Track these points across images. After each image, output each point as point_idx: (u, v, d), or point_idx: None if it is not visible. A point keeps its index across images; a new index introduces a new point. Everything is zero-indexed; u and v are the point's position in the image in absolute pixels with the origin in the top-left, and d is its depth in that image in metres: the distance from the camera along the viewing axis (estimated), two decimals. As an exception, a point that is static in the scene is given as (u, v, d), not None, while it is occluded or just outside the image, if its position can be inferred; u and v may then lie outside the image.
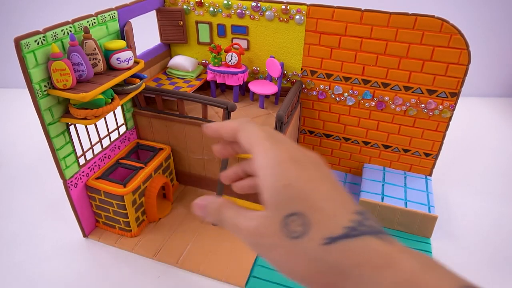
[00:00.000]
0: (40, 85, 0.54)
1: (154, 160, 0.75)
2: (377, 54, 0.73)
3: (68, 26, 0.57)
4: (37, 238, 0.74)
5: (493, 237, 0.75)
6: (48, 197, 0.84)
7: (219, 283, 0.65)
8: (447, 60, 0.69)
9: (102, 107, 0.59)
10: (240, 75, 0.80)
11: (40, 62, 0.53)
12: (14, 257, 0.69)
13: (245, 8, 0.78)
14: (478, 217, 0.80)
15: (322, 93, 0.82)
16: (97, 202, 0.71)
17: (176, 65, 0.86)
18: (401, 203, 0.75)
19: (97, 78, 0.60)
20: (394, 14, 0.68)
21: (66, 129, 0.63)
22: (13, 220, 0.78)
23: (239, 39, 0.83)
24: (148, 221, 0.77)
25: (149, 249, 0.71)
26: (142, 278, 0.66)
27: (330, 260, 0.24)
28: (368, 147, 0.86)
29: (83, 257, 0.70)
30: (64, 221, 0.77)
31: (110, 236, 0.74)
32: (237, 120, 0.31)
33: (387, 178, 0.83)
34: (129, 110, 0.79)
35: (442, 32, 0.67)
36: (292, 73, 0.82)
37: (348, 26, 0.72)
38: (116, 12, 0.67)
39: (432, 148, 0.80)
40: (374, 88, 0.77)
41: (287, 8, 0.75)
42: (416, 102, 0.76)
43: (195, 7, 0.82)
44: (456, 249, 0.72)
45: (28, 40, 0.51)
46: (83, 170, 0.68)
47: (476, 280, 0.25)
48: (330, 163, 0.92)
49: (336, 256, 0.24)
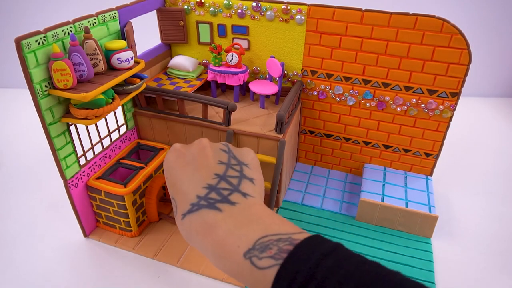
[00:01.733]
0: (41, 85, 0.54)
1: (154, 160, 0.75)
2: (378, 54, 0.73)
3: (68, 26, 0.57)
4: (38, 238, 0.74)
5: (493, 237, 0.75)
6: (48, 197, 0.84)
7: (219, 283, 0.65)
8: (448, 60, 0.69)
9: (103, 107, 0.59)
10: (241, 75, 0.80)
11: (40, 62, 0.53)
12: (14, 257, 0.69)
13: (245, 8, 0.78)
14: (478, 217, 0.80)
15: (322, 93, 0.82)
16: (97, 202, 0.71)
17: (177, 65, 0.86)
18: (401, 203, 0.75)
19: (97, 78, 0.60)
20: (395, 14, 0.68)
21: (67, 129, 0.63)
22: (13, 220, 0.78)
23: (240, 39, 0.83)
24: (148, 221, 0.77)
25: (149, 249, 0.71)
26: (142, 278, 0.66)
27: (184, 230, 0.32)
28: (369, 147, 0.85)
29: (84, 257, 0.70)
30: (65, 221, 0.77)
31: (110, 236, 0.74)
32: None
33: (387, 178, 0.83)
34: (129, 110, 0.79)
35: (443, 32, 0.67)
36: (292, 73, 0.82)
37: (348, 26, 0.72)
38: (116, 12, 0.67)
39: (432, 148, 0.80)
40: (375, 88, 0.77)
41: (288, 8, 0.75)
42: (417, 102, 0.76)
43: (195, 7, 0.82)
44: (456, 249, 0.72)
45: (29, 40, 0.51)
46: (84, 170, 0.68)
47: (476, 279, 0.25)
48: (330, 163, 0.92)
49: (186, 227, 0.32)
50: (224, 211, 0.31)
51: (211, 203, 0.31)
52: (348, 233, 0.75)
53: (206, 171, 0.34)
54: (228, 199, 0.32)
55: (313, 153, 0.93)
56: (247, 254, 0.28)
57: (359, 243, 0.73)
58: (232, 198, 0.32)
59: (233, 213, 0.31)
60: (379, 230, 0.76)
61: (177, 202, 0.33)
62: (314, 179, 0.90)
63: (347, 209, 0.81)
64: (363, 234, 0.75)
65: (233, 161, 0.36)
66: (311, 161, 0.94)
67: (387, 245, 0.72)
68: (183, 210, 0.32)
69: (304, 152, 0.93)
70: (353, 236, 0.74)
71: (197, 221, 0.31)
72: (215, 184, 0.33)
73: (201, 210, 0.31)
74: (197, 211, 0.31)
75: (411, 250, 0.71)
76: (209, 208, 0.31)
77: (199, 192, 0.32)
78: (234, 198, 0.32)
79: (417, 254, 0.70)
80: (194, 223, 0.31)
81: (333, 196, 0.85)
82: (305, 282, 0.24)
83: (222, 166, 0.35)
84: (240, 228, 0.30)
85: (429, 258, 0.69)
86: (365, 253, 0.70)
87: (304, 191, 0.86)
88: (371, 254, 0.70)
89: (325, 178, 0.90)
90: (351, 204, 0.82)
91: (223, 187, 0.33)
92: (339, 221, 0.78)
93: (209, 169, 0.34)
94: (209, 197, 0.32)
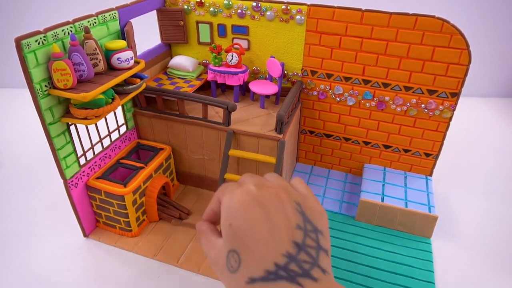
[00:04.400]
0: (41, 85, 0.54)
1: (154, 160, 0.75)
2: (378, 54, 0.73)
3: (68, 26, 0.57)
4: (37, 238, 0.74)
5: (493, 237, 0.75)
6: (48, 197, 0.84)
7: (219, 283, 0.65)
8: (448, 60, 0.69)
9: (103, 107, 0.59)
10: (241, 75, 0.80)
11: (40, 62, 0.53)
12: (14, 257, 0.69)
13: (245, 8, 0.78)
14: (478, 217, 0.80)
15: (322, 93, 0.82)
16: (97, 202, 0.71)
17: (177, 65, 0.86)
18: (401, 203, 0.75)
19: (97, 78, 0.60)
20: (395, 14, 0.68)
21: (67, 129, 0.63)
22: (13, 220, 0.78)
23: (240, 39, 0.83)
24: (148, 221, 0.77)
25: (149, 249, 0.71)
26: (142, 278, 0.66)
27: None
28: (369, 147, 0.86)
29: (84, 257, 0.70)
30: (65, 221, 0.77)
31: (110, 236, 0.74)
32: (218, 191, 0.35)
33: (387, 178, 0.83)
34: (129, 110, 0.79)
35: (443, 32, 0.67)
36: (292, 73, 0.82)
37: (348, 26, 0.72)
38: (116, 12, 0.67)
39: (432, 148, 0.80)
40: (375, 88, 0.77)
41: (288, 8, 0.75)
42: (417, 102, 0.76)
43: (195, 7, 0.82)
44: (456, 249, 0.72)
45: (29, 40, 0.51)
46: (84, 170, 0.68)
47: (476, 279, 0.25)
48: (330, 163, 0.92)
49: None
50: (305, 287, 0.28)
51: (292, 276, 0.28)
52: (348, 233, 0.75)
53: (285, 236, 0.30)
54: (310, 274, 0.29)
55: (313, 153, 0.93)
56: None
57: (359, 243, 0.73)
58: (313, 273, 0.29)
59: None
60: (379, 230, 0.76)
61: (243, 260, 0.29)
62: (314, 179, 0.90)
63: (347, 209, 0.81)
64: (363, 234, 0.75)
65: (308, 226, 0.32)
66: (311, 161, 0.94)
67: (386, 245, 0.72)
68: (254, 274, 0.29)
69: (304, 152, 0.93)
70: (353, 236, 0.74)
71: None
72: (295, 254, 0.29)
73: (278, 281, 0.28)
74: (274, 281, 0.28)
75: (410, 250, 0.71)
76: (289, 281, 0.28)
77: (278, 260, 0.29)
78: (315, 273, 0.29)
79: (417, 254, 0.70)
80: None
81: (333, 196, 0.85)
82: None
83: (300, 232, 0.31)
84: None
85: (429, 258, 0.69)
86: (365, 253, 0.70)
87: (304, 191, 0.86)
88: (371, 254, 0.70)
89: (325, 178, 0.90)
90: (351, 204, 0.82)
91: (304, 259, 0.29)
92: (339, 221, 0.78)
93: (289, 234, 0.30)
94: (290, 268, 0.29)
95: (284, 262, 0.29)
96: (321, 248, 0.31)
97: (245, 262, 0.29)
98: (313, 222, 0.33)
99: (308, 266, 0.29)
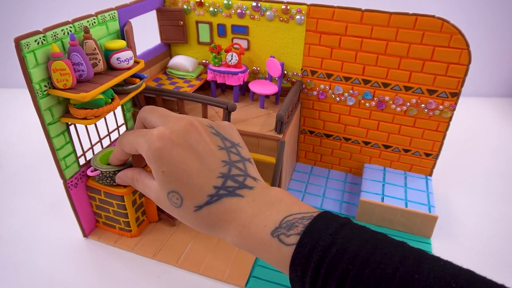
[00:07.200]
0: (40, 85, 0.54)
1: (154, 160, 0.75)
2: (378, 54, 0.73)
3: (68, 26, 0.57)
4: (37, 238, 0.74)
5: (494, 237, 0.75)
6: (48, 197, 0.84)
7: (219, 283, 0.65)
8: (448, 60, 0.69)
9: (102, 107, 0.59)
10: (241, 75, 0.80)
11: (40, 62, 0.53)
12: (14, 257, 0.69)
13: (245, 8, 0.78)
14: (478, 217, 0.80)
15: (322, 93, 0.82)
16: (97, 202, 0.71)
17: (176, 65, 0.86)
18: (401, 203, 0.75)
19: (97, 78, 0.60)
20: (395, 14, 0.68)
21: (66, 129, 0.63)
22: (13, 220, 0.78)
23: (240, 39, 0.83)
24: (148, 221, 0.77)
25: (149, 249, 0.71)
26: (142, 278, 0.66)
27: (201, 221, 0.33)
28: (369, 147, 0.85)
29: (83, 257, 0.70)
30: (64, 221, 0.77)
31: (110, 236, 0.74)
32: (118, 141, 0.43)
33: (387, 178, 0.83)
34: (129, 110, 0.79)
35: (443, 32, 0.67)
36: (292, 73, 0.82)
37: (348, 26, 0.72)
38: (116, 12, 0.67)
39: (432, 148, 0.80)
40: (375, 88, 0.77)
41: (288, 8, 0.75)
42: (417, 102, 0.76)
43: (195, 7, 0.82)
44: (456, 249, 0.72)
45: (28, 40, 0.51)
46: (83, 170, 0.68)
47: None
48: (330, 163, 0.92)
49: (205, 217, 0.33)
50: (245, 196, 0.32)
51: (231, 191, 0.32)
52: (348, 233, 0.75)
53: (213, 159, 0.34)
54: (245, 184, 0.33)
55: (313, 153, 0.93)
56: (274, 232, 0.30)
57: (359, 243, 0.73)
58: (247, 183, 0.33)
59: (254, 197, 0.33)
60: (379, 230, 0.76)
61: (185, 195, 0.33)
62: (314, 179, 0.90)
63: (347, 209, 0.81)
64: (363, 234, 0.75)
65: (227, 143, 0.36)
66: (311, 161, 0.94)
67: (387, 245, 0.72)
68: (198, 202, 0.32)
69: (304, 152, 0.93)
70: (353, 236, 0.74)
71: (219, 210, 0.32)
72: (227, 172, 0.33)
73: (222, 199, 0.32)
74: (217, 201, 0.32)
75: (411, 250, 0.71)
76: (231, 196, 0.32)
77: (215, 183, 0.33)
78: (249, 182, 0.33)
79: (417, 254, 0.70)
80: (215, 212, 0.32)
81: (333, 196, 0.85)
82: (326, 247, 0.27)
83: (223, 151, 0.35)
84: (264, 210, 0.32)
85: (429, 258, 0.69)
86: (365, 253, 0.70)
87: (304, 191, 0.86)
88: (371, 254, 0.70)
89: (325, 178, 0.90)
90: (351, 204, 0.82)
91: (236, 173, 0.33)
92: (339, 221, 0.78)
93: (214, 157, 0.34)
94: (227, 185, 0.33)
95: (221, 183, 0.33)
96: (245, 159, 0.35)
97: (187, 197, 0.33)
98: (229, 138, 0.37)
99: (242, 178, 0.33)
